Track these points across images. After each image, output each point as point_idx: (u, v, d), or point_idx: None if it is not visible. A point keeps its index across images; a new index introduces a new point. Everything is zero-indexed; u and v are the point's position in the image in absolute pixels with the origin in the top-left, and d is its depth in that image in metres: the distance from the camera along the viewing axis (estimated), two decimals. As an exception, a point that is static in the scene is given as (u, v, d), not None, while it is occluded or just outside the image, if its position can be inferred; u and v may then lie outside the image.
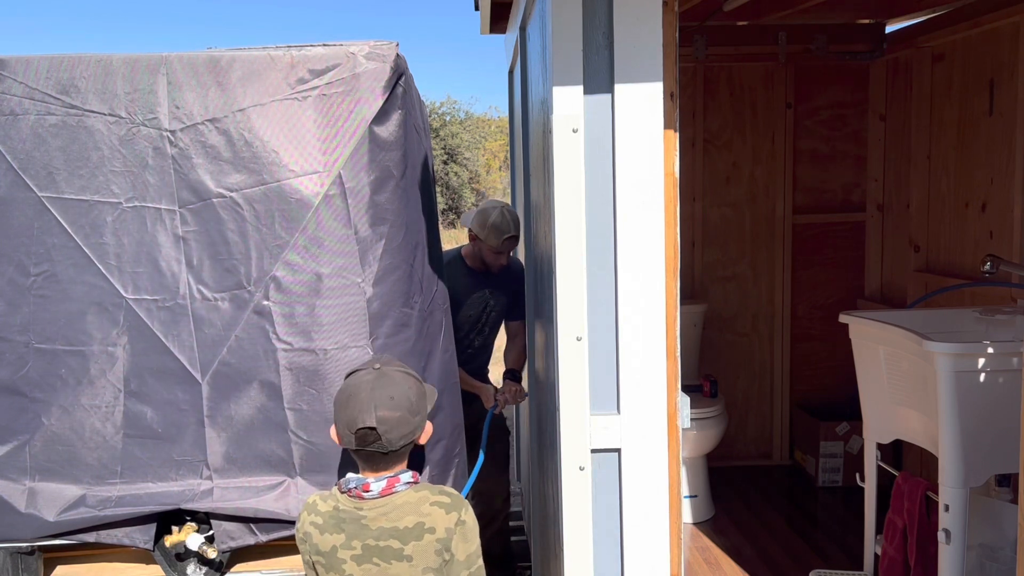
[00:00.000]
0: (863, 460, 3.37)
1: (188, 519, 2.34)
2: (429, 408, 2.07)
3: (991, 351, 2.69)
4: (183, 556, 2.35)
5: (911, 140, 4.36)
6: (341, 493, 1.98)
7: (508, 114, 4.79)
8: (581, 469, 2.13)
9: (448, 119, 21.87)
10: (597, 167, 2.08)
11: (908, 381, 2.98)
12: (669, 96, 2.06)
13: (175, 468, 2.35)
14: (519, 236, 3.59)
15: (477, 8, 4.18)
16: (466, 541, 1.96)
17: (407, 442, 1.96)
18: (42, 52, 2.50)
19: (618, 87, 2.04)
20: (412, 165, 2.42)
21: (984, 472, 2.76)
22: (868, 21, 4.61)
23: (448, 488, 2.03)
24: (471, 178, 21.55)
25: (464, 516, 1.96)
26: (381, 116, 2.29)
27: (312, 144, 2.28)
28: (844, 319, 3.34)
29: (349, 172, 2.28)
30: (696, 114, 4.85)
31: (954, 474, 2.75)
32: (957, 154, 3.97)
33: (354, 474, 1.99)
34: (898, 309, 4.09)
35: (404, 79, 2.34)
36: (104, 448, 2.34)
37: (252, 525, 2.32)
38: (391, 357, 2.14)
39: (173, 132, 2.30)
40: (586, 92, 2.06)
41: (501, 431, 3.90)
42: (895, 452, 4.33)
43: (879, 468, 3.31)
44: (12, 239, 2.34)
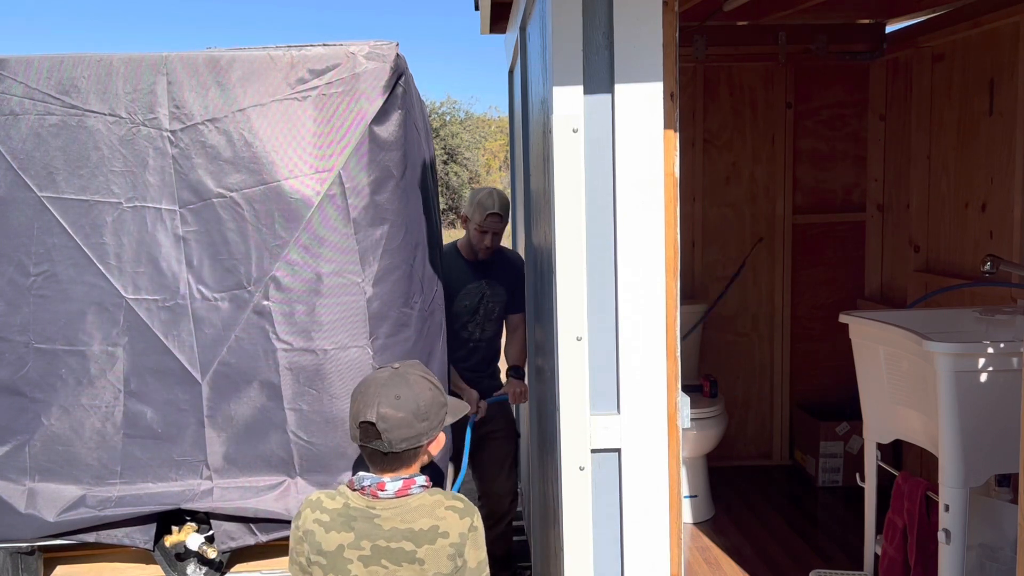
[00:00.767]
0: (863, 460, 3.36)
1: (188, 519, 2.34)
2: (449, 421, 2.04)
3: (991, 351, 2.69)
4: (183, 556, 2.35)
5: (911, 140, 4.36)
6: (353, 491, 1.95)
7: (508, 114, 4.79)
8: (581, 469, 2.12)
9: (448, 119, 21.88)
10: (597, 167, 2.07)
11: (908, 381, 2.98)
12: (669, 96, 2.06)
13: (175, 468, 2.35)
14: (506, 218, 3.63)
15: (477, 8, 4.17)
16: (477, 548, 1.96)
17: (410, 446, 1.93)
18: (42, 52, 2.50)
19: (618, 87, 2.04)
20: (412, 165, 2.42)
21: (984, 472, 2.76)
22: (868, 21, 4.61)
23: (459, 494, 2.03)
24: (471, 178, 21.54)
25: (476, 523, 1.96)
26: (381, 116, 2.29)
27: (312, 144, 2.28)
28: (844, 319, 3.34)
29: (349, 172, 2.28)
30: (696, 114, 4.84)
31: (954, 474, 2.75)
32: (957, 154, 3.97)
33: (368, 473, 1.96)
34: (898, 309, 4.09)
35: (404, 79, 2.34)
36: (104, 448, 2.34)
37: (252, 525, 2.32)
38: (419, 363, 2.10)
39: (173, 132, 2.30)
40: (586, 92, 2.05)
41: (511, 433, 3.89)
42: (895, 452, 4.33)
43: (879, 468, 3.31)
44: (12, 239, 2.34)
